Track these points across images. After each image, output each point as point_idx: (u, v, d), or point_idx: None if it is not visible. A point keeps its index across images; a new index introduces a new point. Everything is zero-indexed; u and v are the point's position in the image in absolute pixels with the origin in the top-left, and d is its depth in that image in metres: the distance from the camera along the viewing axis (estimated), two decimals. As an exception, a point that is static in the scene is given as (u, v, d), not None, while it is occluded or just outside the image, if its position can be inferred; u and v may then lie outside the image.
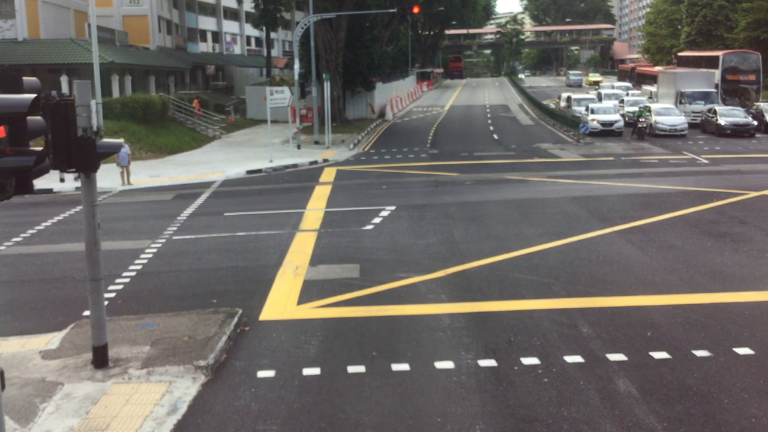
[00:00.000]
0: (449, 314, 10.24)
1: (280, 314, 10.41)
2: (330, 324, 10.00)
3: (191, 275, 12.68)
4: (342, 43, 41.65)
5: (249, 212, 18.65)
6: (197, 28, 64.76)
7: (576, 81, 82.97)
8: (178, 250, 14.54)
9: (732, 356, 8.51)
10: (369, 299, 11.04)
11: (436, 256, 13.51)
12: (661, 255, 13.19)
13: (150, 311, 10.54)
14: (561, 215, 17.01)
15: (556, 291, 11.17)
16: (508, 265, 12.72)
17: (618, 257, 13.06)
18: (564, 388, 7.72)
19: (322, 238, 15.25)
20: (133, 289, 11.89)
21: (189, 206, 19.62)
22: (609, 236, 14.79)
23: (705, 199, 18.62)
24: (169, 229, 16.60)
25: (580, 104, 41.90)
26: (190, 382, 7.94)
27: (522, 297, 10.93)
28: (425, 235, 15.36)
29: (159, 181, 25.32)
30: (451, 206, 18.56)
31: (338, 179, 24.26)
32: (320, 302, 10.92)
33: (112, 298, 11.34)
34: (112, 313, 10.46)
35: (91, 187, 8.16)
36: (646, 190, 20.42)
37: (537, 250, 13.74)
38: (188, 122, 40.10)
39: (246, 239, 15.34)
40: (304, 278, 12.24)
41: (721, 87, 41.84)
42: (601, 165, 26.06)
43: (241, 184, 24.28)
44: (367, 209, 18.30)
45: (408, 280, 11.97)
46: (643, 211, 17.29)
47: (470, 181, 23.02)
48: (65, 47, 38.00)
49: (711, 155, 27.99)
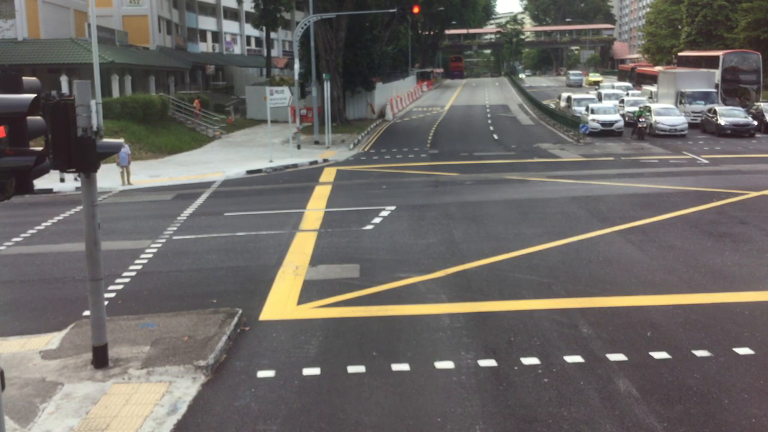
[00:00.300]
0: (449, 314, 10.24)
1: (280, 314, 10.42)
2: (330, 324, 10.00)
3: (191, 275, 12.68)
4: (342, 43, 41.66)
5: (249, 212, 18.66)
6: (197, 28, 64.78)
7: (576, 81, 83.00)
8: (178, 250, 14.54)
9: (732, 356, 8.51)
10: (369, 299, 11.04)
11: (436, 256, 13.52)
12: (661, 255, 13.19)
13: (150, 311, 10.54)
14: (561, 215, 17.02)
15: (556, 291, 11.17)
16: (508, 265, 12.72)
17: (618, 257, 13.06)
18: (564, 388, 7.72)
19: (322, 238, 15.25)
20: (133, 289, 11.90)
21: (189, 206, 19.62)
22: (609, 236, 14.79)
23: (705, 199, 18.63)
24: (169, 229, 16.60)
25: (580, 104, 41.91)
26: (190, 382, 7.94)
27: (522, 297, 10.93)
28: (425, 235, 15.36)
29: (159, 181, 25.32)
30: (451, 206, 18.56)
31: (338, 179, 24.26)
32: (320, 302, 10.92)
33: (112, 298, 11.34)
34: (112, 313, 10.46)
35: (91, 187, 8.17)
36: (646, 190, 20.42)
37: (537, 250, 13.75)
38: (188, 122, 40.12)
39: (246, 239, 15.34)
40: (304, 278, 12.24)
41: (722, 87, 41.83)
42: (601, 165, 26.07)
43: (241, 184, 24.28)
44: (367, 209, 18.30)
45: (408, 280, 11.97)
46: (643, 211, 17.29)
47: (470, 181, 23.02)
48: (65, 47, 38.01)
49: (711, 155, 28.00)
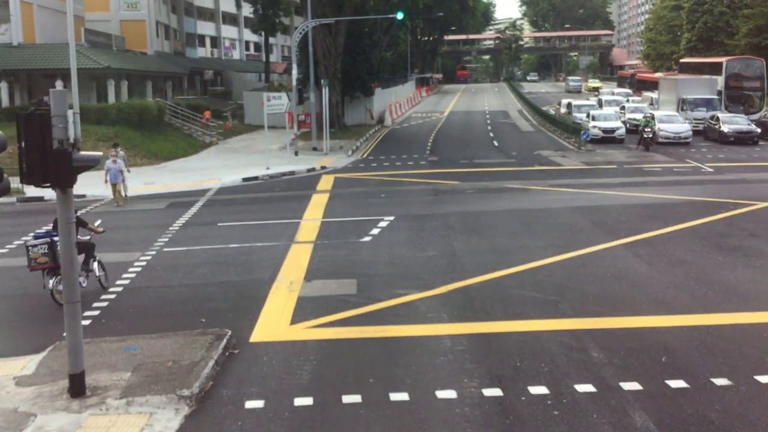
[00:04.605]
0: (451, 335, 9.68)
1: (272, 335, 9.85)
2: (324, 346, 9.44)
3: (180, 291, 12.11)
4: (341, 49, 41.16)
5: (243, 222, 18.10)
6: (196, 33, 64.30)
7: (575, 87, 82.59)
8: (168, 263, 13.98)
9: (754, 385, 7.95)
10: (366, 318, 10.49)
11: (436, 271, 12.96)
12: (671, 270, 12.65)
13: (135, 331, 9.97)
14: (565, 226, 16.47)
15: (563, 310, 10.62)
16: (512, 281, 12.17)
17: (626, 273, 12.51)
18: (576, 422, 7.16)
19: (319, 251, 14.70)
20: (119, 306, 11.33)
21: (182, 215, 19.07)
22: (615, 249, 14.24)
23: (712, 210, 18.09)
24: (160, 240, 16.04)
25: (580, 110, 41.39)
26: (173, 414, 7.38)
27: (527, 316, 10.38)
28: (425, 247, 14.81)
29: (153, 188, 24.77)
30: (452, 216, 18.02)
31: (336, 187, 23.72)
32: (314, 322, 10.35)
33: (96, 317, 10.78)
34: (96, 333, 9.91)
35: (67, 203, 7.60)
36: (651, 200, 19.89)
37: (541, 264, 13.20)
38: (185, 128, 39.57)
39: (239, 251, 14.79)
40: (299, 294, 11.68)
41: (725, 94, 41.29)
42: (604, 173, 25.55)
43: (237, 192, 23.74)
44: (365, 219, 17.76)
45: (407, 297, 11.41)
46: (650, 222, 16.75)
47: (471, 189, 22.49)
48: (60, 52, 37.40)
49: (715, 163, 27.49)
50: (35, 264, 11.07)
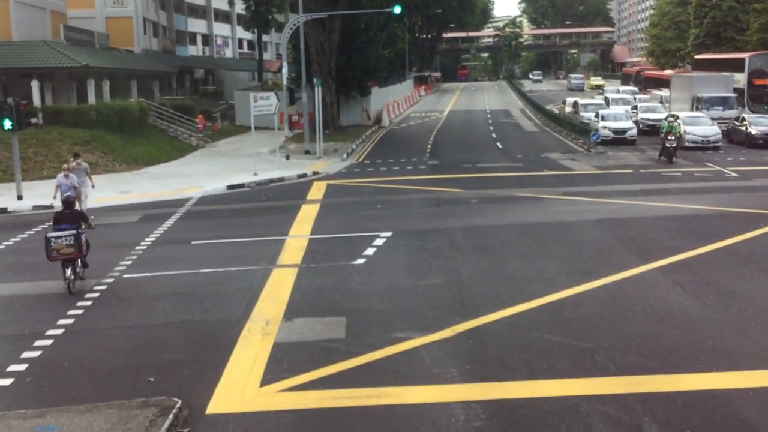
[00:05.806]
0: (463, 403, 7.59)
1: (236, 403, 7.75)
2: (302, 420, 7.35)
3: (132, 335, 10.00)
4: (335, 46, 39.02)
5: (221, 240, 15.99)
6: (186, 31, 62.11)
7: (577, 85, 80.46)
8: (125, 294, 11.88)
9: None
10: (356, 375, 8.41)
11: (441, 306, 10.88)
12: (722, 305, 10.57)
13: (61, 398, 7.87)
14: (587, 245, 14.38)
15: (601, 364, 8.53)
16: (533, 320, 10.08)
17: (670, 309, 10.43)
18: None
19: (303, 277, 12.61)
20: (53, 357, 9.22)
21: (154, 231, 16.97)
22: (650, 275, 12.16)
23: (750, 224, 16.00)
24: (122, 263, 13.96)
25: (587, 110, 39.24)
26: None
27: (557, 374, 8.28)
28: (427, 273, 12.71)
29: (128, 197, 22.66)
30: (457, 232, 15.94)
31: (328, 196, 21.63)
32: (291, 381, 8.25)
33: (20, 373, 8.67)
34: (14, 399, 7.85)
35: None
36: (678, 210, 17.81)
37: (566, 296, 11.11)
38: (170, 130, 37.45)
39: (211, 279, 12.67)
40: (275, 340, 9.59)
41: (747, 92, 38.95)
42: (620, 179, 23.47)
43: (219, 202, 21.63)
44: (359, 236, 15.67)
45: (407, 344, 9.32)
46: (683, 239, 14.66)
47: (476, 198, 20.40)
48: (37, 50, 35.29)
49: (739, 167, 25.41)
50: (57, 255, 11.71)
